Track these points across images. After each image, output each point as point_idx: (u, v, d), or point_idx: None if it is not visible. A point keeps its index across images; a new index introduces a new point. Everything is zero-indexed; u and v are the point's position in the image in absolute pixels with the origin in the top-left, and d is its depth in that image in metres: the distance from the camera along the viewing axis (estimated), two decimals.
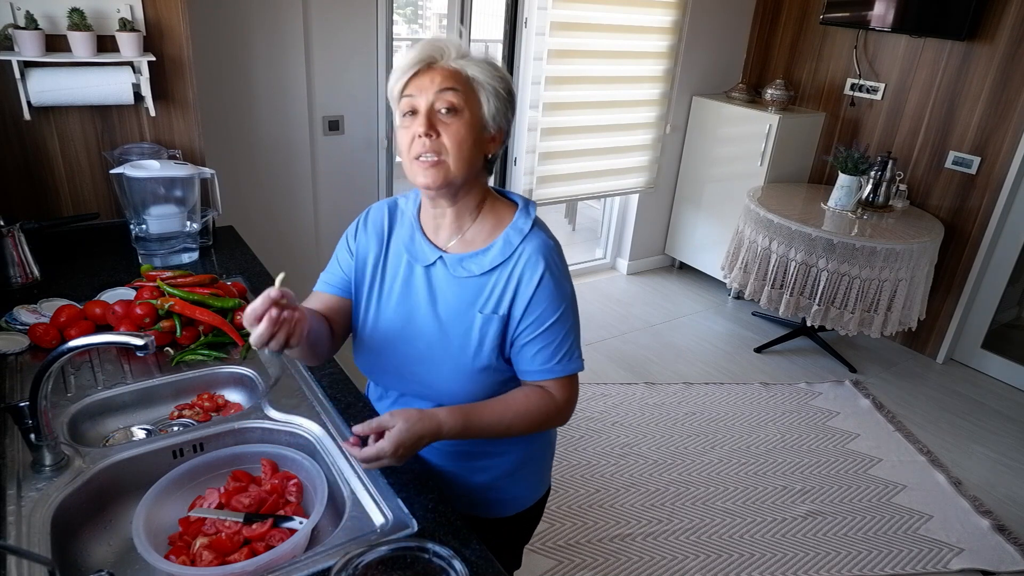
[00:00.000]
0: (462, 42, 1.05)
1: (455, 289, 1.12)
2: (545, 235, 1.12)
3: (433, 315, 1.13)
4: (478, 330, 1.10)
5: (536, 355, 1.10)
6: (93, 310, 1.43)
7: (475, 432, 1.09)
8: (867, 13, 3.42)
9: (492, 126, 1.06)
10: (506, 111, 1.07)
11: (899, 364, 3.55)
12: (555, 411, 1.13)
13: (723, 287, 4.08)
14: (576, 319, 1.14)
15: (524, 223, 1.12)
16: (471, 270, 1.11)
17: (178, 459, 1.17)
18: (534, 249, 1.09)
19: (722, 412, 3.00)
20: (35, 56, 1.65)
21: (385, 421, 1.02)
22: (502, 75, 1.06)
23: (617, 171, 3.88)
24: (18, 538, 0.96)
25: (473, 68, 1.03)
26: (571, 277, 1.15)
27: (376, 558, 0.91)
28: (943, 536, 2.39)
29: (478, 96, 1.04)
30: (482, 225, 1.12)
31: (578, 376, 1.16)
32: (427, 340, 1.13)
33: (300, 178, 2.91)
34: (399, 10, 5.98)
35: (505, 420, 1.10)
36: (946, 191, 3.43)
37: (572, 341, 1.12)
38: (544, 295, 1.08)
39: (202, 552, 1.00)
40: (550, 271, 1.09)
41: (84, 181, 1.91)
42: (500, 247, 1.10)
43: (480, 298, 1.10)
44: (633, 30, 3.54)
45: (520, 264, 1.09)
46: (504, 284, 1.09)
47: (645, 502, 2.44)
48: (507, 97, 1.06)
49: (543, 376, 1.12)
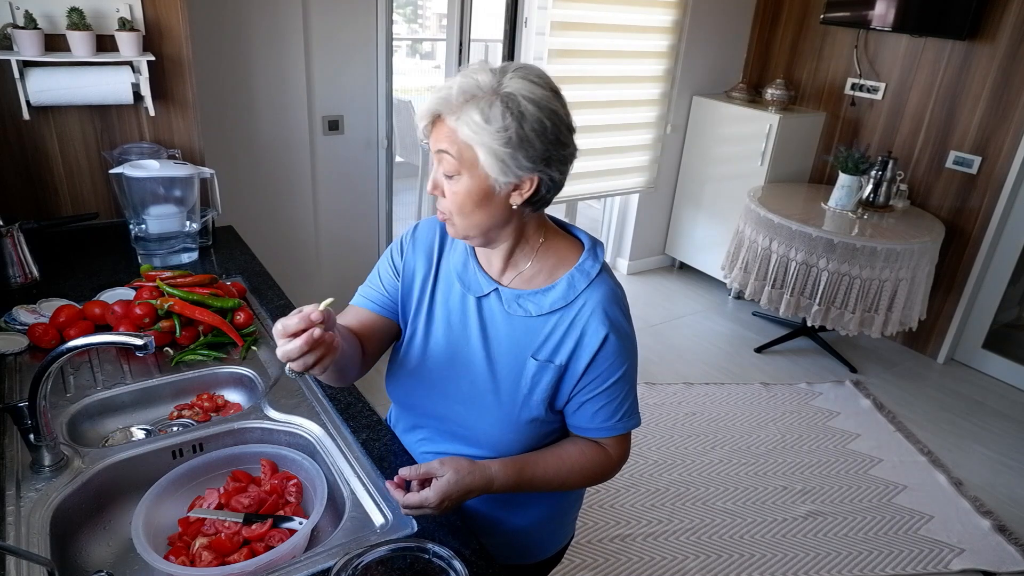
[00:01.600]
0: (470, 82, 0.89)
1: (508, 329, 1.03)
2: (613, 282, 1.03)
3: (484, 353, 1.04)
4: (530, 378, 1.02)
5: (597, 413, 1.03)
6: (92, 310, 1.42)
7: (527, 487, 1.03)
8: (868, 13, 3.42)
9: (503, 181, 0.91)
10: (521, 156, 0.90)
11: (900, 364, 3.55)
12: (609, 468, 1.08)
13: (723, 287, 4.08)
14: (636, 373, 1.05)
15: (592, 266, 1.01)
16: (528, 310, 1.01)
17: (178, 459, 1.16)
18: (602, 298, 0.99)
19: (722, 412, 3.00)
20: (34, 56, 1.65)
21: (434, 469, 0.97)
22: (503, 125, 0.87)
23: (617, 171, 3.87)
24: (17, 538, 0.95)
25: (465, 128, 0.89)
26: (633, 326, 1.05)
27: (376, 558, 0.91)
28: (944, 536, 2.39)
29: (476, 156, 0.90)
30: (542, 263, 1.03)
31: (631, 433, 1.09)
32: (473, 379, 1.05)
33: (300, 178, 2.91)
34: (399, 10, 5.97)
35: (560, 476, 1.04)
36: (947, 191, 3.43)
37: (633, 398, 1.05)
38: (610, 351, 0.99)
39: (202, 552, 1.00)
40: (619, 325, 1.00)
41: (83, 181, 1.91)
42: (563, 289, 1.00)
43: (536, 342, 1.01)
44: (633, 30, 3.54)
45: (585, 313, 0.99)
46: (565, 331, 1.00)
47: (645, 502, 2.44)
48: (520, 142, 0.89)
49: (602, 434, 1.05)
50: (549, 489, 1.06)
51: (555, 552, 1.27)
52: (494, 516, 1.16)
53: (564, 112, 0.93)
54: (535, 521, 1.19)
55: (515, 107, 0.88)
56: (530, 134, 0.89)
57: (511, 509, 1.16)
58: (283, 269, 2.76)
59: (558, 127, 0.91)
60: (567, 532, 1.29)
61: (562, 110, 0.92)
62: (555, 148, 0.91)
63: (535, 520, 1.19)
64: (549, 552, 1.26)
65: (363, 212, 3.15)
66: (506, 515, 1.17)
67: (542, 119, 0.89)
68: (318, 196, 2.99)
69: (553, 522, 1.23)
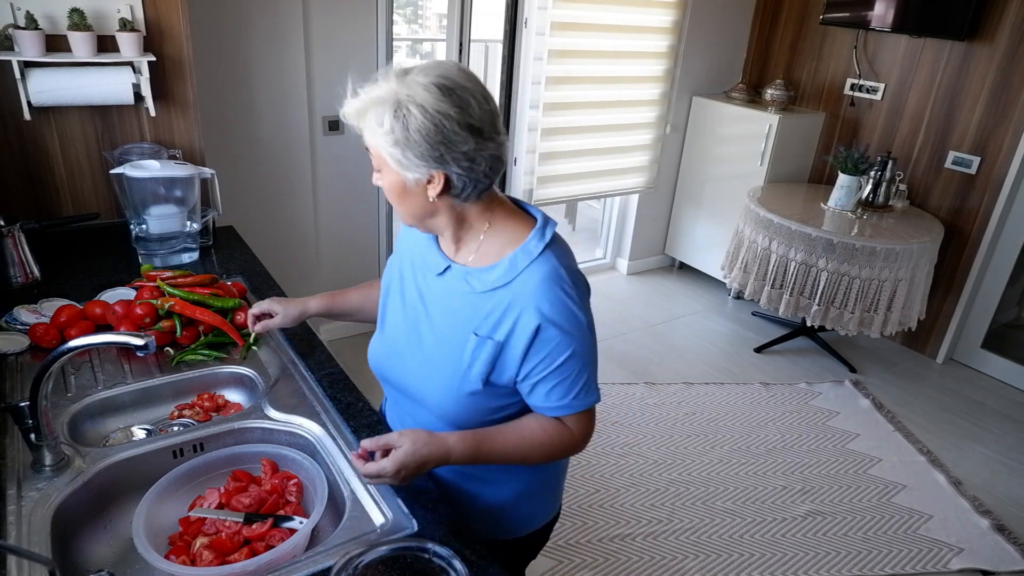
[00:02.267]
0: (375, 88, 0.96)
1: (457, 304, 1.08)
2: (557, 260, 1.03)
3: (435, 327, 1.10)
4: (470, 352, 1.05)
5: (551, 393, 1.05)
6: (93, 310, 1.43)
7: (486, 460, 1.06)
8: (867, 13, 3.42)
9: (410, 177, 0.98)
10: (412, 155, 0.95)
11: (899, 364, 3.55)
12: (572, 444, 1.10)
13: (723, 287, 4.08)
14: (592, 349, 1.07)
15: (536, 245, 1.04)
16: (474, 286, 1.05)
17: (178, 459, 1.17)
18: (543, 277, 1.01)
19: (722, 412, 3.00)
20: (35, 56, 1.65)
21: (393, 439, 1.01)
22: (390, 127, 0.94)
23: (617, 171, 3.88)
24: (18, 538, 0.96)
25: (367, 131, 0.98)
26: (588, 303, 1.07)
27: (376, 558, 0.91)
28: (943, 536, 2.39)
29: (382, 157, 0.98)
30: (491, 244, 1.06)
31: (595, 408, 1.11)
32: (426, 352, 1.11)
33: (300, 178, 2.91)
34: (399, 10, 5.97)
35: (520, 450, 1.07)
36: (946, 191, 3.43)
37: (588, 374, 1.06)
38: (552, 332, 1.01)
39: (202, 552, 1.00)
40: (560, 303, 1.01)
41: (84, 181, 1.91)
42: (505, 268, 1.03)
43: (478, 318, 1.05)
44: (633, 30, 3.54)
45: (525, 292, 1.01)
46: (504, 310, 1.03)
47: (645, 502, 2.44)
48: (407, 142, 0.94)
49: (560, 412, 1.07)
50: (510, 463, 1.09)
51: (539, 528, 1.29)
52: (473, 491, 1.19)
53: (460, 113, 0.95)
54: (514, 496, 1.22)
55: (402, 111, 0.94)
56: (415, 135, 0.94)
57: (489, 484, 1.19)
58: (283, 269, 2.76)
59: (443, 128, 0.94)
60: (551, 508, 1.31)
61: (454, 111, 0.94)
62: (446, 148, 0.95)
63: (514, 494, 1.22)
64: (532, 527, 1.28)
65: (363, 212, 3.15)
66: (485, 489, 1.20)
67: (425, 122, 0.93)
68: (318, 196, 2.99)
69: (532, 497, 1.25)
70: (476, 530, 1.05)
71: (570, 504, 2.39)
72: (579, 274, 1.07)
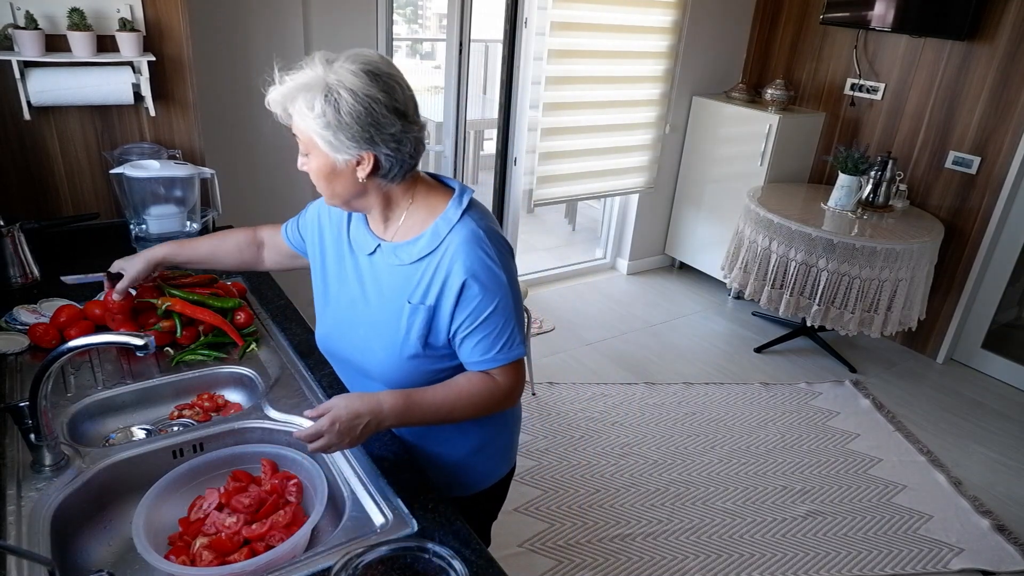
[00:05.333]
0: (303, 74, 1.02)
1: (389, 278, 1.16)
2: (475, 223, 1.12)
3: (372, 301, 1.18)
4: (406, 319, 1.13)
5: (476, 346, 1.12)
6: (93, 310, 1.43)
7: (418, 414, 1.12)
8: (867, 13, 3.42)
9: (340, 159, 1.04)
10: (343, 136, 1.01)
11: (899, 364, 3.55)
12: (500, 396, 1.16)
13: (723, 287, 4.08)
14: (516, 305, 1.14)
15: (454, 212, 1.12)
16: (402, 259, 1.14)
17: (178, 459, 1.17)
18: (463, 240, 1.10)
19: (722, 412, 3.00)
20: (35, 56, 1.65)
21: (330, 403, 1.06)
22: (321, 111, 0.99)
23: (617, 171, 3.88)
24: (18, 538, 0.96)
25: (297, 115, 1.03)
26: (510, 261, 1.15)
27: (376, 558, 0.91)
28: (943, 536, 2.39)
29: (312, 140, 1.04)
30: (415, 218, 1.15)
31: (523, 361, 1.18)
32: (366, 327, 1.19)
33: (300, 178, 2.90)
34: (399, 10, 5.98)
35: (448, 404, 1.13)
36: (946, 191, 3.43)
37: (512, 328, 1.14)
38: (476, 288, 1.09)
39: (202, 552, 1.00)
40: (481, 262, 1.09)
41: (84, 181, 1.91)
42: (428, 237, 1.12)
43: (410, 287, 1.13)
44: (633, 30, 3.54)
45: (448, 256, 1.10)
46: (432, 275, 1.11)
47: (645, 502, 2.44)
48: (338, 125, 1.00)
49: (486, 366, 1.14)
50: (440, 415, 1.14)
51: (495, 483, 1.37)
52: (432, 450, 1.28)
53: (387, 97, 1.01)
54: (469, 451, 1.30)
55: (332, 95, 0.99)
56: (346, 118, 1.00)
57: (444, 444, 1.27)
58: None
59: (373, 111, 1.00)
60: (506, 464, 1.39)
61: (382, 95, 1.01)
62: (375, 129, 1.01)
63: (469, 451, 1.30)
64: (489, 482, 1.36)
65: None
66: (442, 449, 1.28)
67: (356, 105, 0.99)
68: (318, 196, 2.99)
69: (487, 453, 1.33)
70: (439, 486, 1.13)
71: (570, 504, 2.39)
72: (498, 234, 1.16)
